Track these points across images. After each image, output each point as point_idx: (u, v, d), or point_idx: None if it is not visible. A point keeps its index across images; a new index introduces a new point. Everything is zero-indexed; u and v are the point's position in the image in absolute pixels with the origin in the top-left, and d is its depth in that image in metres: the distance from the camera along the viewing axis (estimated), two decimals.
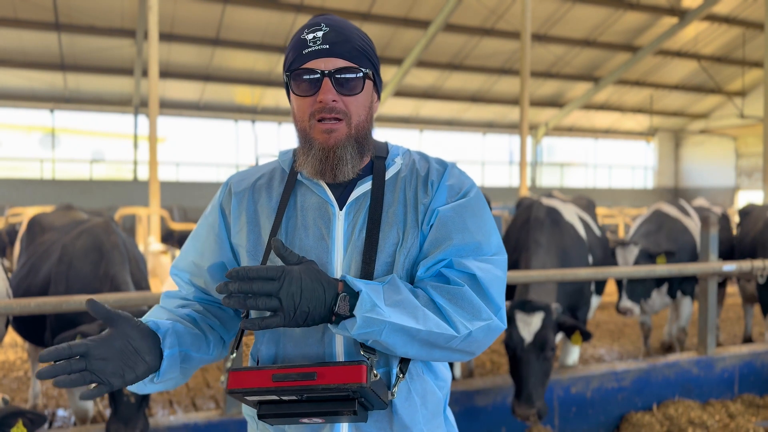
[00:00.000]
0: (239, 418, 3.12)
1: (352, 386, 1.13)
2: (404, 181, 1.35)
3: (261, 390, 1.15)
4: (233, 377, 1.17)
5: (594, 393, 3.77)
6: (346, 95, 1.27)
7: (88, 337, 2.78)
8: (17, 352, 6.06)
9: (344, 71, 1.26)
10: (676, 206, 5.67)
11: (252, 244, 1.33)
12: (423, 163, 1.39)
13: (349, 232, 1.30)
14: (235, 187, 1.39)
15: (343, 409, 1.17)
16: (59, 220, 4.11)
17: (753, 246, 5.30)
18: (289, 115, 19.53)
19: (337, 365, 1.15)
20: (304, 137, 1.30)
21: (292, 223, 1.32)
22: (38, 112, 18.13)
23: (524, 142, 12.43)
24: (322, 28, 1.28)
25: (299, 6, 15.28)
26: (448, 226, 1.29)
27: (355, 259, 1.28)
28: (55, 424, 4.19)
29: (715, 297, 4.22)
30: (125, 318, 1.17)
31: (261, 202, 1.36)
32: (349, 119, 1.27)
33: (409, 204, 1.32)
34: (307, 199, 1.33)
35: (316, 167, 1.28)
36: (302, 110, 1.29)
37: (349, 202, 1.32)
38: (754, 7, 18.04)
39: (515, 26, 16.34)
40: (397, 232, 1.29)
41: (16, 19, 14.33)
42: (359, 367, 1.14)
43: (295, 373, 1.14)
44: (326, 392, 1.14)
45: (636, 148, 26.77)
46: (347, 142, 1.27)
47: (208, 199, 18.13)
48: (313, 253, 1.29)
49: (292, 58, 1.29)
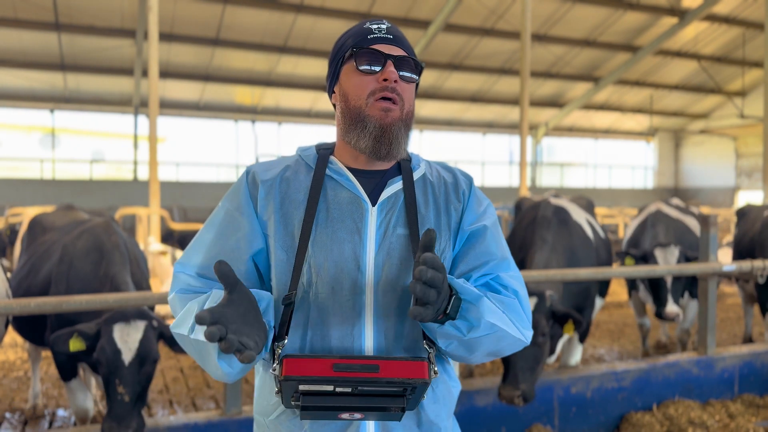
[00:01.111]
0: (239, 418, 3.12)
1: (416, 381, 1.13)
2: (432, 186, 1.40)
3: (320, 379, 1.12)
4: (289, 364, 1.13)
5: (594, 393, 3.77)
6: (404, 81, 1.33)
7: (85, 335, 2.79)
8: (17, 352, 6.06)
9: (405, 59, 1.33)
10: (674, 206, 5.66)
11: (281, 235, 1.32)
12: (447, 171, 1.46)
13: (383, 229, 1.32)
14: (261, 175, 1.37)
15: (392, 405, 1.16)
16: (60, 220, 4.12)
17: (751, 246, 5.30)
18: (288, 114, 19.43)
19: (399, 360, 1.15)
20: (357, 115, 1.32)
21: (323, 215, 1.32)
22: (38, 112, 18.13)
23: (524, 142, 12.43)
24: (385, 24, 1.36)
25: (299, 6, 15.28)
26: (488, 242, 1.37)
27: (391, 255, 1.31)
28: (55, 424, 4.19)
29: (715, 297, 4.22)
30: (245, 289, 1.13)
31: (289, 193, 1.35)
32: (402, 104, 1.32)
33: (441, 208, 1.38)
34: (338, 193, 1.34)
35: (371, 143, 1.30)
36: (361, 87, 1.32)
37: (381, 199, 1.34)
38: (754, 7, 18.04)
39: (515, 26, 16.34)
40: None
41: (16, 19, 14.33)
42: (422, 363, 1.16)
43: (358, 364, 1.13)
44: (386, 386, 1.13)
45: (636, 148, 26.77)
46: (401, 124, 1.32)
47: (208, 199, 18.22)
48: (347, 246, 1.30)
49: (355, 41, 1.34)
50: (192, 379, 5.19)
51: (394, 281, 1.30)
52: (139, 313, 2.87)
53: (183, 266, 1.35)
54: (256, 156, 20.61)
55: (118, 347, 2.74)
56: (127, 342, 2.75)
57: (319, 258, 1.29)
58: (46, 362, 5.40)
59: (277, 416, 1.32)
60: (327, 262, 1.29)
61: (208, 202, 18.03)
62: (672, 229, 5.24)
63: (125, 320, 2.80)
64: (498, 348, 1.29)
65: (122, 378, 2.71)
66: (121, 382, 2.70)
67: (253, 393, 5.25)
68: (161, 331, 2.89)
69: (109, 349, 2.73)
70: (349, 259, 1.30)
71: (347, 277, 1.29)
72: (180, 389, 4.94)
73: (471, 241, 1.37)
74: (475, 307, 1.20)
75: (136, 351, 2.75)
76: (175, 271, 1.36)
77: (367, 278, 1.29)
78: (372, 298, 1.29)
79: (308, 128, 21.16)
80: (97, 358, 2.74)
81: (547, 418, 3.62)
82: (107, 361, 2.72)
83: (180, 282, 1.34)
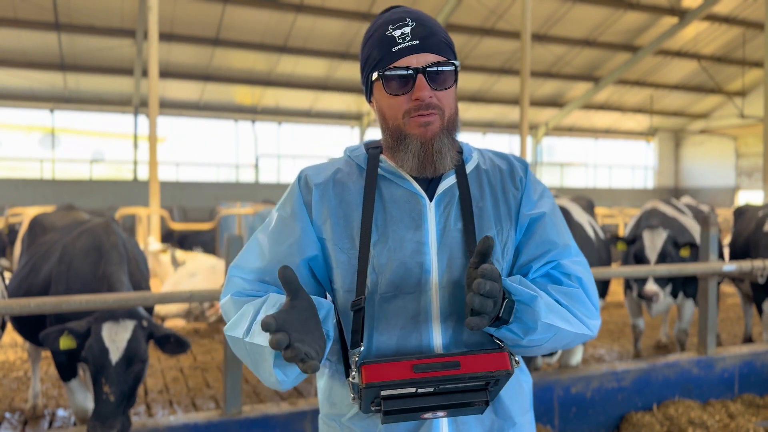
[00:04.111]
0: (239, 418, 3.12)
1: (499, 374, 1.11)
2: (487, 175, 1.36)
3: (401, 382, 1.09)
4: (368, 371, 1.10)
5: (594, 393, 3.77)
6: (439, 90, 1.26)
7: (75, 332, 2.78)
8: (17, 352, 6.06)
9: (437, 66, 1.25)
10: (671, 205, 5.66)
11: (339, 238, 1.29)
12: (500, 159, 1.42)
13: (442, 224, 1.29)
14: (314, 179, 1.35)
15: (476, 400, 1.14)
16: (60, 221, 4.12)
17: (746, 246, 5.30)
18: (288, 114, 19.42)
19: (478, 353, 1.13)
20: (397, 134, 1.27)
21: (381, 215, 1.30)
22: (38, 112, 18.13)
23: (524, 142, 12.43)
24: (409, 23, 1.26)
25: (299, 6, 15.28)
26: (548, 230, 1.33)
27: (453, 251, 1.27)
28: (55, 424, 4.19)
29: (716, 297, 4.22)
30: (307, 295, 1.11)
31: (344, 195, 1.32)
32: (442, 113, 1.27)
33: (498, 197, 1.34)
34: (393, 192, 1.31)
35: (415, 162, 1.26)
36: (395, 108, 1.27)
37: (438, 194, 1.31)
38: (754, 7, 18.03)
39: (515, 26, 16.34)
40: (491, 225, 1.31)
41: (16, 19, 14.32)
42: (503, 354, 1.13)
43: (439, 362, 1.10)
44: (469, 381, 1.11)
45: (636, 148, 26.77)
46: (443, 135, 1.27)
47: (208, 199, 18.22)
48: (409, 244, 1.27)
49: (379, 56, 1.27)
50: (192, 379, 5.18)
51: (458, 277, 1.27)
52: (129, 312, 2.85)
53: (238, 269, 1.33)
54: (256, 156, 20.61)
55: (105, 346, 2.72)
56: (115, 341, 2.73)
57: (382, 259, 1.27)
58: (46, 362, 5.39)
59: (350, 417, 1.30)
60: (391, 262, 1.26)
61: (208, 202, 18.03)
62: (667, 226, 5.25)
63: (114, 319, 2.78)
64: (561, 345, 1.26)
65: (108, 377, 2.69)
66: (108, 381, 2.68)
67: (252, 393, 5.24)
68: (151, 331, 2.87)
69: (96, 347, 2.71)
70: (413, 257, 1.27)
71: (412, 276, 1.26)
72: (180, 389, 4.94)
73: (531, 229, 1.33)
74: (530, 309, 1.17)
75: (123, 350, 2.73)
76: (230, 274, 1.33)
77: (431, 276, 1.26)
78: (437, 295, 1.26)
79: (308, 128, 21.16)
80: (85, 357, 2.72)
81: (547, 417, 3.62)
82: (94, 360, 2.70)
83: (234, 285, 1.31)
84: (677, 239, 4.87)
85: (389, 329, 1.26)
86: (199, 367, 5.54)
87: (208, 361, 5.76)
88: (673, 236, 4.83)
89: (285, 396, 4.73)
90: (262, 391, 4.85)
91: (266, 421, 3.19)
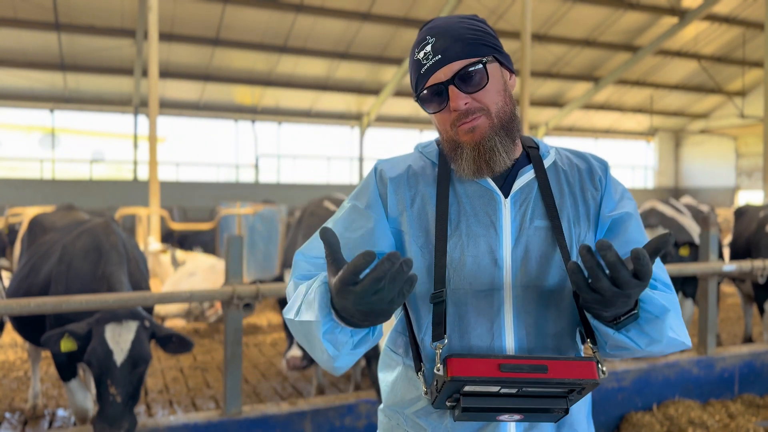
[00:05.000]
0: (239, 418, 3.12)
1: (586, 382, 1.09)
2: (565, 174, 1.34)
3: (487, 379, 1.08)
4: (455, 364, 1.09)
5: (594, 393, 3.77)
6: (475, 92, 1.25)
7: (76, 335, 2.77)
8: (17, 352, 6.05)
9: (464, 71, 1.24)
10: (670, 205, 5.67)
11: (415, 231, 1.29)
12: (578, 158, 1.39)
13: (518, 221, 1.28)
14: (389, 173, 1.34)
15: (555, 407, 1.13)
16: (60, 221, 4.12)
17: (747, 246, 5.30)
18: (288, 114, 19.47)
19: (567, 360, 1.12)
20: (453, 145, 1.28)
21: (455, 209, 1.29)
22: (38, 112, 18.12)
23: None
24: (429, 41, 1.27)
25: (299, 6, 15.28)
26: (632, 230, 1.32)
27: (529, 249, 1.26)
28: (55, 424, 4.19)
29: (716, 297, 4.22)
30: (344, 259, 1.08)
31: (419, 189, 1.32)
32: (488, 111, 1.26)
33: (577, 196, 1.32)
34: (467, 188, 1.30)
35: (471, 168, 1.26)
36: (443, 123, 1.29)
37: (514, 191, 1.30)
38: (754, 7, 18.03)
39: (515, 26, 16.33)
40: (569, 224, 1.29)
41: (16, 19, 14.32)
42: (591, 363, 1.11)
43: (527, 364, 1.09)
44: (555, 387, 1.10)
45: (636, 148, 26.77)
46: (493, 132, 1.25)
47: (208, 199, 18.21)
48: (483, 240, 1.26)
49: (414, 80, 1.30)
50: (192, 379, 5.18)
51: (534, 276, 1.25)
52: (131, 313, 2.85)
53: (304, 255, 1.32)
54: (256, 156, 20.61)
55: (109, 348, 2.71)
56: (118, 342, 2.73)
57: (455, 254, 1.26)
58: (46, 362, 5.39)
59: (416, 411, 1.29)
60: (464, 257, 1.26)
61: (208, 202, 18.02)
62: (665, 226, 5.26)
63: (117, 320, 2.77)
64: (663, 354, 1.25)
65: (114, 379, 2.69)
66: (113, 382, 2.68)
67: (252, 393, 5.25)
68: (153, 331, 2.87)
69: (100, 349, 2.71)
70: (486, 254, 1.26)
71: (485, 273, 1.25)
72: (180, 389, 4.93)
73: (614, 230, 1.31)
74: (660, 322, 1.15)
75: (128, 352, 2.73)
76: (296, 258, 1.33)
77: (504, 273, 1.25)
78: (511, 294, 1.25)
79: (308, 128, 21.16)
80: (89, 359, 2.72)
81: None
82: (99, 362, 2.70)
83: (300, 269, 1.31)
84: (676, 238, 4.88)
85: (462, 325, 1.25)
86: (199, 367, 5.54)
87: (208, 361, 5.76)
88: (672, 235, 4.84)
89: (285, 396, 4.73)
90: (262, 391, 4.85)
91: (266, 421, 3.19)
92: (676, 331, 1.18)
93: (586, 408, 1.34)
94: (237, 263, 3.26)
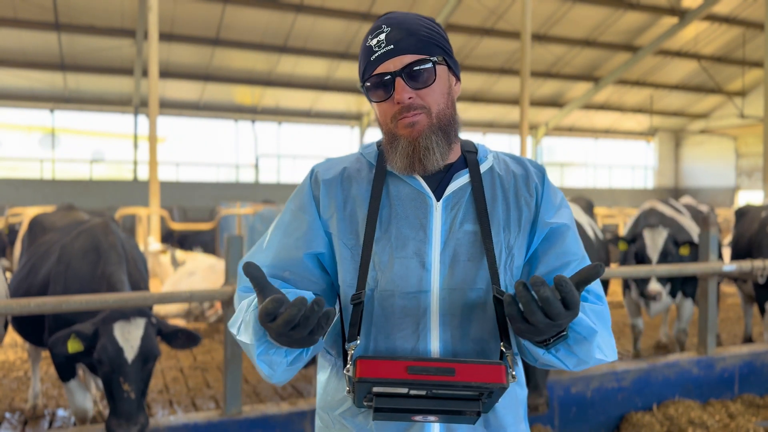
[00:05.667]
0: (239, 418, 3.12)
1: (494, 386, 1.10)
2: (500, 179, 1.35)
3: (394, 381, 1.09)
4: (363, 365, 1.11)
5: (594, 393, 3.77)
6: (421, 88, 1.26)
7: (82, 335, 2.79)
8: (17, 352, 6.06)
9: (413, 65, 1.25)
10: (669, 205, 5.67)
11: (344, 233, 1.30)
12: (516, 163, 1.40)
13: (448, 225, 1.28)
14: (323, 175, 1.36)
15: (467, 409, 1.13)
16: (60, 221, 4.12)
17: (749, 246, 5.30)
18: (288, 114, 19.47)
19: (475, 363, 1.12)
20: (391, 137, 1.29)
21: (386, 212, 1.30)
22: (38, 112, 18.12)
23: (524, 142, 12.43)
24: (384, 30, 1.28)
25: (299, 6, 15.28)
26: (569, 241, 1.32)
27: (457, 252, 1.27)
28: (55, 424, 4.19)
29: (716, 297, 4.22)
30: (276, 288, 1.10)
31: (351, 191, 1.33)
32: (429, 110, 1.27)
33: (510, 201, 1.33)
34: (400, 190, 1.31)
35: (404, 162, 1.27)
36: (385, 114, 1.30)
37: (446, 194, 1.30)
38: (754, 7, 18.03)
39: (515, 26, 16.34)
40: (498, 229, 1.30)
41: (16, 19, 14.32)
42: (500, 367, 1.11)
43: (434, 367, 1.10)
44: (462, 390, 1.10)
45: (636, 148, 26.77)
46: (431, 132, 1.27)
47: (208, 199, 18.21)
48: (411, 243, 1.27)
49: (363, 67, 1.30)
50: (192, 379, 5.19)
51: (461, 280, 1.26)
52: (138, 310, 2.88)
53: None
54: (256, 156, 20.61)
55: (120, 345, 2.74)
56: (128, 340, 2.76)
57: (383, 256, 1.27)
58: (46, 362, 5.39)
59: (342, 412, 1.31)
60: (392, 259, 1.27)
61: (208, 202, 18.02)
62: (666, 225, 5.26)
63: (125, 318, 2.80)
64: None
65: (126, 376, 2.72)
66: (126, 379, 2.72)
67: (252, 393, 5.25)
68: (159, 327, 2.91)
69: (111, 347, 2.73)
70: (414, 256, 1.27)
71: (412, 275, 1.26)
72: (180, 389, 4.94)
73: (551, 240, 1.32)
74: (587, 344, 1.16)
75: (138, 348, 2.76)
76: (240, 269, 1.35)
77: (432, 276, 1.26)
78: (438, 297, 1.26)
79: (308, 128, 21.16)
80: (99, 358, 2.74)
81: (547, 417, 3.62)
82: (110, 360, 2.72)
83: (244, 280, 1.33)
84: (677, 238, 4.88)
85: (387, 327, 1.26)
86: (199, 367, 5.54)
87: (208, 361, 5.76)
88: (673, 235, 4.85)
89: (285, 396, 4.73)
90: (262, 391, 4.85)
91: (266, 421, 3.19)
92: (604, 351, 1.21)
93: (516, 408, 1.33)
94: (237, 263, 3.26)
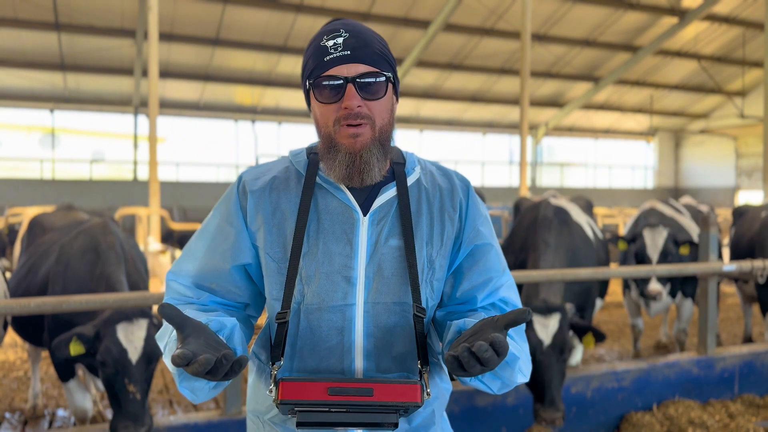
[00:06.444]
0: (239, 418, 3.12)
1: (409, 405, 1.16)
2: (426, 192, 1.35)
3: (315, 403, 1.15)
4: (285, 388, 1.15)
5: (594, 393, 3.77)
6: (370, 100, 1.26)
7: (84, 337, 2.79)
8: (17, 352, 6.05)
9: (367, 76, 1.25)
10: (669, 205, 5.66)
11: (271, 246, 1.30)
12: (443, 176, 1.40)
13: (374, 239, 1.29)
14: (250, 185, 1.35)
15: (385, 422, 1.19)
16: (60, 221, 4.12)
17: (750, 246, 5.29)
18: (288, 114, 19.41)
19: (392, 383, 1.17)
20: (329, 143, 1.28)
21: (314, 226, 1.30)
22: (38, 112, 18.12)
23: (524, 142, 12.43)
24: (342, 34, 1.27)
25: (299, 6, 15.28)
26: (491, 259, 1.35)
27: (382, 267, 1.28)
28: (55, 424, 4.19)
29: (716, 297, 4.21)
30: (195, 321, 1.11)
31: (279, 203, 1.32)
32: (373, 123, 1.26)
33: (435, 215, 1.34)
34: (328, 203, 1.31)
35: (343, 173, 1.26)
36: (326, 116, 1.28)
37: (373, 209, 1.31)
38: (754, 7, 18.03)
39: (515, 26, 16.33)
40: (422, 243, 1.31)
41: (16, 19, 14.32)
42: (415, 386, 1.18)
43: (353, 388, 1.16)
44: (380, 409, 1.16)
45: (636, 148, 26.77)
46: (372, 146, 1.26)
47: (208, 199, 18.21)
48: (337, 258, 1.27)
49: (313, 65, 1.28)
50: None
51: (385, 294, 1.27)
52: (139, 311, 2.88)
53: (175, 275, 1.35)
54: (256, 156, 20.61)
55: (123, 347, 2.74)
56: (132, 341, 2.76)
57: (309, 270, 1.27)
58: (46, 362, 5.39)
59: (271, 417, 1.33)
60: (317, 274, 1.27)
61: (208, 202, 18.02)
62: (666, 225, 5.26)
63: (128, 319, 2.80)
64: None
65: (131, 377, 2.72)
66: (131, 380, 2.72)
67: None
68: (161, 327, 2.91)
69: (115, 349, 2.73)
70: (340, 271, 1.27)
71: (338, 290, 1.27)
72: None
73: (475, 257, 1.35)
74: (510, 368, 1.20)
75: (142, 349, 2.76)
76: (167, 279, 1.35)
77: (357, 290, 1.27)
78: (362, 311, 1.27)
79: (308, 128, 21.16)
80: (103, 360, 2.73)
81: None
82: (114, 361, 2.72)
83: (172, 291, 1.34)
84: (677, 237, 4.88)
85: (313, 341, 1.27)
86: None
87: None
88: (673, 234, 4.85)
89: None
90: None
91: None
92: (524, 372, 1.25)
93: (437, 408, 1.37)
94: None
